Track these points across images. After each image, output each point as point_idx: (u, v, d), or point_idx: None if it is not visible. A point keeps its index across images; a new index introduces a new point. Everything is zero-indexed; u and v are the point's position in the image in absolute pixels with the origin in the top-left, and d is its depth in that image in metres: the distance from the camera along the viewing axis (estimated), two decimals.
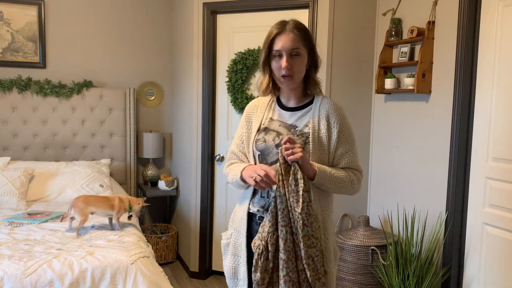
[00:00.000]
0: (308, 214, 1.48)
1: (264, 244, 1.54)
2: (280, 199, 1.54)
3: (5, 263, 2.09)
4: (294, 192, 1.49)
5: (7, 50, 3.80)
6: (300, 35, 1.57)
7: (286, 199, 1.53)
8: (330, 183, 1.60)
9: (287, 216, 1.53)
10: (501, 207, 2.60)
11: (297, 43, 1.56)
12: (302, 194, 1.48)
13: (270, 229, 1.54)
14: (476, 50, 2.72)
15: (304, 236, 1.48)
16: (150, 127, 4.36)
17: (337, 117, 1.61)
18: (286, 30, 1.58)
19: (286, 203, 1.53)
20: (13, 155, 3.73)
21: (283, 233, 1.52)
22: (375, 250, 2.99)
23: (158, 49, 4.33)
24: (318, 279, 1.48)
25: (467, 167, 2.80)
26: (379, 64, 3.28)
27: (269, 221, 1.55)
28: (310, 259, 1.48)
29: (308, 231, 1.48)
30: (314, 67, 1.64)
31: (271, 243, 1.53)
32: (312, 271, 1.47)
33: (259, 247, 1.55)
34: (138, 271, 2.18)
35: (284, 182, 1.53)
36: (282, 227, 1.53)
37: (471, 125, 2.77)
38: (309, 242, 1.48)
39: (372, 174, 3.58)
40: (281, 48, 1.57)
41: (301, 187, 1.48)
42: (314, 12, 3.30)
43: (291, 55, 1.57)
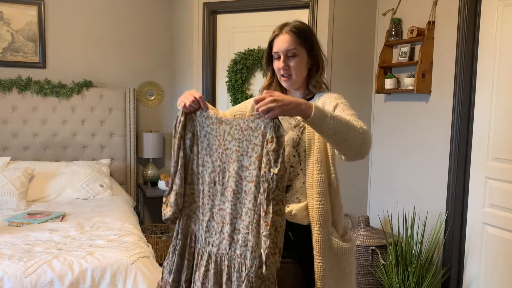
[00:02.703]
0: (283, 177, 1.30)
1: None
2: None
3: (5, 263, 2.09)
4: (273, 151, 1.29)
5: (7, 50, 3.80)
6: (296, 36, 1.57)
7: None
8: (333, 121, 1.33)
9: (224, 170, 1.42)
10: (501, 207, 2.60)
11: (293, 44, 1.57)
12: (282, 153, 1.30)
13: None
14: (476, 50, 2.72)
15: (273, 199, 1.29)
16: (150, 127, 4.35)
17: (333, 99, 1.55)
18: (283, 32, 1.59)
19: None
20: (13, 155, 3.73)
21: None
22: (375, 250, 2.99)
23: (158, 49, 4.32)
24: (274, 254, 1.29)
25: (467, 167, 2.80)
26: (379, 64, 3.28)
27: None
28: (273, 228, 1.28)
29: (279, 196, 1.30)
30: (316, 67, 1.63)
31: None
32: (271, 242, 1.28)
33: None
34: (138, 271, 2.18)
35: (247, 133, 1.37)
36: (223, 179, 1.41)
37: (471, 125, 2.77)
38: (277, 208, 1.29)
39: (372, 174, 3.58)
40: (277, 49, 1.59)
41: (281, 144, 1.30)
42: (314, 12, 3.30)
43: (287, 56, 1.57)
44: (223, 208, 1.43)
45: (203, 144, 1.48)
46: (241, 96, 3.59)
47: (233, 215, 1.40)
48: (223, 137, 1.43)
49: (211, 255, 1.45)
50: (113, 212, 3.01)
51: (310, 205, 1.50)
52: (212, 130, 1.46)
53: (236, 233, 1.40)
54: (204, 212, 1.48)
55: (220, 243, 1.43)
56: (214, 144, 1.45)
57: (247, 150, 1.38)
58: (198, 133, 1.49)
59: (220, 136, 1.44)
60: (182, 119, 1.48)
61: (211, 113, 1.46)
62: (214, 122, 1.45)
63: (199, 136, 1.49)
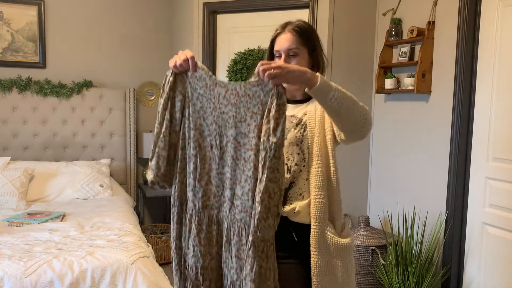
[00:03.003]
0: (281, 145, 1.29)
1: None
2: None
3: (5, 263, 2.09)
4: (274, 119, 1.27)
5: (7, 50, 3.80)
6: (298, 36, 1.57)
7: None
8: (338, 93, 1.34)
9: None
10: (501, 207, 2.60)
11: (294, 44, 1.56)
12: (283, 121, 1.28)
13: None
14: (476, 50, 2.72)
15: (269, 168, 1.28)
16: (150, 127, 4.35)
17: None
18: (285, 30, 1.58)
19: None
20: (13, 155, 3.73)
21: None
22: (375, 250, 2.99)
23: (158, 49, 4.33)
24: (266, 218, 1.29)
25: (467, 167, 2.80)
26: (379, 64, 3.28)
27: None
28: (266, 195, 1.28)
29: (275, 164, 1.28)
30: (316, 67, 1.63)
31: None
32: (264, 207, 1.29)
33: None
34: (138, 271, 2.18)
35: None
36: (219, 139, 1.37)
37: (471, 125, 2.77)
38: (272, 176, 1.28)
39: (372, 174, 3.58)
40: (279, 48, 1.58)
41: (283, 113, 1.28)
42: (314, 12, 3.30)
43: (288, 55, 1.57)
44: (223, 172, 1.40)
45: (195, 106, 1.41)
46: None
47: (232, 181, 1.38)
48: (218, 100, 1.37)
49: (210, 218, 1.43)
50: (113, 212, 3.01)
51: (310, 200, 1.49)
52: (206, 92, 1.39)
53: (236, 198, 1.38)
54: (200, 176, 1.43)
55: (221, 206, 1.41)
56: (209, 107, 1.39)
57: (245, 117, 1.34)
58: (190, 95, 1.41)
59: (215, 99, 1.38)
60: (171, 79, 1.41)
61: (203, 74, 1.39)
62: (208, 84, 1.38)
63: (191, 98, 1.41)
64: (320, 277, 1.48)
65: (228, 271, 1.41)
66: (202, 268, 1.42)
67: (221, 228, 1.42)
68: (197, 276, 1.43)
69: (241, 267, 1.36)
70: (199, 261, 1.42)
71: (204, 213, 1.43)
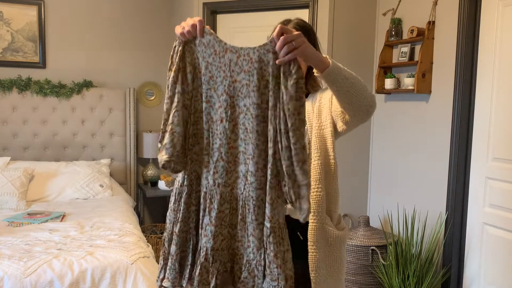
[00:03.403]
0: (301, 124, 1.21)
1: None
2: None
3: (5, 263, 2.09)
4: (291, 96, 1.19)
5: (7, 50, 3.80)
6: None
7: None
8: (347, 73, 1.33)
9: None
10: (501, 207, 2.60)
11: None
12: (301, 97, 1.19)
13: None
14: (476, 50, 2.72)
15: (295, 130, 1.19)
16: (150, 127, 4.35)
17: (329, 91, 1.54)
18: (289, 27, 1.57)
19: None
20: (13, 155, 3.73)
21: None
22: (375, 250, 2.99)
23: (158, 49, 4.33)
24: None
25: (467, 167, 2.80)
26: (379, 64, 3.28)
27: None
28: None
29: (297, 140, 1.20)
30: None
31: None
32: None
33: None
34: (138, 271, 2.18)
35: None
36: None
37: (471, 125, 2.77)
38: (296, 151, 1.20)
39: (372, 174, 3.58)
40: None
41: (301, 88, 1.19)
42: (314, 12, 3.30)
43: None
44: (234, 146, 1.29)
45: (205, 77, 1.29)
46: None
47: (246, 155, 1.27)
48: (229, 68, 1.25)
49: (223, 195, 1.31)
50: (113, 212, 3.01)
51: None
52: (215, 60, 1.27)
53: (250, 174, 1.27)
54: (211, 152, 1.32)
55: (234, 183, 1.31)
56: (219, 76, 1.27)
57: (259, 86, 1.23)
58: (200, 65, 1.29)
59: (225, 66, 1.26)
60: (180, 49, 1.29)
61: (211, 39, 1.26)
62: (217, 51, 1.26)
63: (201, 69, 1.29)
64: (318, 271, 1.48)
65: (244, 249, 1.32)
66: (212, 249, 1.31)
67: (234, 206, 1.31)
68: (207, 257, 1.32)
69: (258, 247, 1.28)
70: (210, 242, 1.31)
71: (216, 191, 1.32)
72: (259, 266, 1.29)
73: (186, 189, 1.36)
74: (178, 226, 1.36)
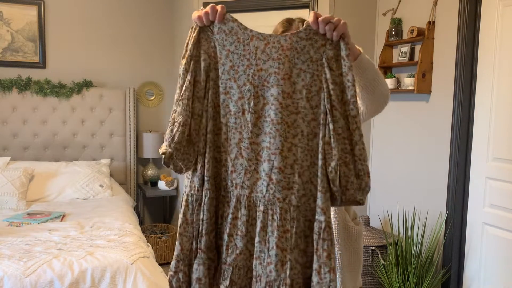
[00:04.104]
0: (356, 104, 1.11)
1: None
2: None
3: (5, 263, 2.09)
4: (341, 80, 1.11)
5: (7, 50, 3.80)
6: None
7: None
8: (369, 64, 1.30)
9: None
10: (501, 207, 2.60)
11: None
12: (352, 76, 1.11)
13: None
14: (476, 50, 2.72)
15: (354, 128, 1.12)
16: (150, 127, 4.35)
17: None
18: (293, 27, 1.57)
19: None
20: (13, 155, 3.73)
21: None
22: (375, 250, 2.99)
23: (158, 49, 4.33)
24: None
25: (467, 167, 2.80)
26: (379, 64, 3.28)
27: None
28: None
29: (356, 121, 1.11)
30: None
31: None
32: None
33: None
34: (138, 271, 2.18)
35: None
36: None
37: (471, 125, 2.77)
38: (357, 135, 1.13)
39: (372, 174, 3.57)
40: None
41: (350, 67, 1.10)
42: None
43: None
44: (256, 142, 1.15)
45: (225, 66, 1.17)
46: None
47: (271, 150, 1.13)
48: (255, 55, 1.14)
49: (240, 199, 1.16)
50: (113, 212, 3.01)
51: None
52: (238, 48, 1.16)
53: (275, 172, 1.13)
54: (230, 149, 1.18)
55: (254, 184, 1.15)
56: (242, 65, 1.16)
57: (290, 75, 1.13)
58: (218, 53, 1.18)
59: (250, 54, 1.15)
60: (195, 35, 1.18)
61: (234, 27, 1.16)
62: (241, 39, 1.16)
63: (220, 57, 1.18)
64: (343, 268, 1.48)
65: (263, 268, 1.12)
66: (225, 263, 1.15)
67: (252, 213, 1.15)
68: (220, 271, 1.16)
69: (283, 261, 1.10)
70: (223, 253, 1.15)
71: (234, 193, 1.17)
72: (283, 286, 1.11)
73: (209, 192, 1.18)
74: (203, 241, 1.17)
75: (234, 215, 1.16)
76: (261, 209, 1.13)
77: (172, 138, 1.16)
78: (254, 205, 1.15)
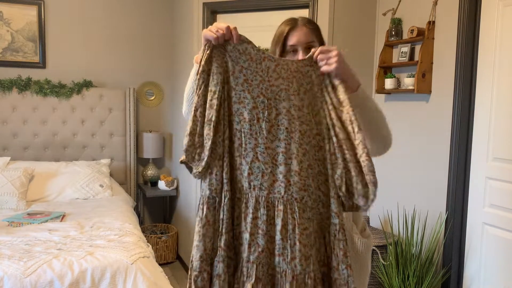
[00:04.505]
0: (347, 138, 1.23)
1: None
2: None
3: (5, 263, 2.09)
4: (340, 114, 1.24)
5: (7, 50, 3.80)
6: (313, 29, 1.55)
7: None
8: (371, 103, 1.35)
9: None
10: (501, 207, 2.60)
11: (312, 37, 1.53)
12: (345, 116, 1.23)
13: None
14: (476, 50, 2.72)
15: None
16: (150, 127, 4.35)
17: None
18: (299, 25, 1.55)
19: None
20: (13, 155, 3.73)
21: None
22: (375, 250, 2.99)
23: (158, 49, 4.33)
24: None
25: (467, 167, 2.80)
26: (379, 64, 3.28)
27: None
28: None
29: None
30: None
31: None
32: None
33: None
34: (138, 271, 2.18)
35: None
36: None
37: (471, 125, 2.77)
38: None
39: None
40: (296, 42, 1.52)
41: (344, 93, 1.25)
42: (314, 12, 3.30)
43: (305, 49, 1.52)
44: (271, 147, 1.25)
45: (238, 80, 1.27)
46: None
47: (287, 155, 1.23)
48: (267, 73, 1.27)
49: (259, 199, 1.23)
50: (113, 212, 3.01)
51: None
52: (250, 66, 1.27)
53: (292, 174, 1.22)
54: (244, 153, 1.26)
55: (271, 186, 1.23)
56: (255, 80, 1.27)
57: (299, 91, 1.26)
58: (231, 68, 1.28)
59: (262, 72, 1.27)
60: (208, 52, 1.28)
61: (248, 47, 1.27)
62: (254, 58, 1.27)
63: (233, 72, 1.28)
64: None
65: (287, 263, 1.21)
66: (248, 261, 1.22)
67: (271, 212, 1.23)
68: (241, 269, 1.23)
69: (307, 256, 1.20)
70: (245, 252, 1.22)
71: (252, 194, 1.24)
72: (309, 279, 1.19)
73: (229, 194, 1.25)
74: (223, 239, 1.23)
75: (254, 215, 1.23)
76: (280, 208, 1.22)
77: (184, 147, 1.25)
78: (273, 205, 1.23)
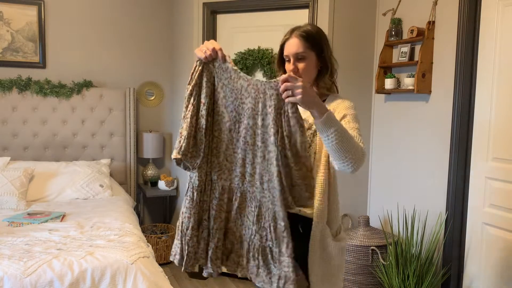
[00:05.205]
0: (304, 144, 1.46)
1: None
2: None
3: (5, 263, 2.09)
4: (288, 132, 1.45)
5: (7, 50, 3.80)
6: (304, 40, 1.62)
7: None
8: (340, 128, 1.41)
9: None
10: (501, 207, 2.60)
11: (301, 48, 1.61)
12: (296, 140, 1.45)
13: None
14: (476, 50, 2.72)
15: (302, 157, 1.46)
16: (150, 127, 4.35)
17: (343, 109, 1.62)
18: (293, 36, 1.64)
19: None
20: (13, 155, 3.73)
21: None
22: (375, 250, 2.99)
23: (158, 49, 4.33)
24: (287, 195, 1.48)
25: (467, 167, 2.80)
26: (379, 64, 3.28)
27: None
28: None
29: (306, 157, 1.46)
30: (325, 69, 1.67)
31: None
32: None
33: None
34: (138, 271, 2.18)
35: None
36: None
37: (471, 125, 2.77)
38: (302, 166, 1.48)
39: (372, 174, 3.58)
40: (287, 53, 1.64)
41: (298, 131, 1.43)
42: (314, 12, 3.30)
43: (297, 59, 1.63)
44: (237, 152, 1.56)
45: (219, 95, 1.55)
46: None
47: (245, 161, 1.54)
48: (240, 92, 1.51)
49: (224, 188, 1.60)
50: (113, 212, 3.01)
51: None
52: (229, 83, 1.52)
53: (247, 175, 1.55)
54: (217, 154, 1.59)
55: (232, 179, 1.58)
56: (231, 97, 1.53)
57: (261, 112, 1.47)
58: (216, 83, 1.55)
59: (237, 90, 1.51)
60: (200, 68, 1.53)
61: (230, 66, 1.52)
62: (232, 77, 1.51)
63: (217, 87, 1.55)
64: (314, 278, 1.59)
65: (245, 227, 1.59)
66: (212, 228, 1.61)
67: (231, 196, 1.60)
68: (210, 233, 1.62)
69: (253, 222, 1.54)
70: (210, 222, 1.61)
71: (218, 184, 1.60)
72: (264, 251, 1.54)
73: (210, 183, 1.62)
74: (206, 215, 1.64)
75: (219, 198, 1.60)
76: (237, 195, 1.59)
77: (180, 148, 1.54)
78: (233, 191, 1.60)
